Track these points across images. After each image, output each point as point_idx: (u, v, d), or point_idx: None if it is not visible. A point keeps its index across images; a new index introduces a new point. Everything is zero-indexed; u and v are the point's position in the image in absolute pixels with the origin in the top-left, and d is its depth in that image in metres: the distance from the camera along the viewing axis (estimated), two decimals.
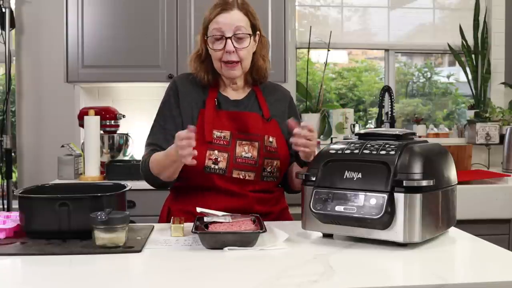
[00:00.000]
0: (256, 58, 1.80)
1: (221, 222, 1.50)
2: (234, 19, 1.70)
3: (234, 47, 1.69)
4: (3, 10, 3.19)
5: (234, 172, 1.72)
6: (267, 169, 1.75)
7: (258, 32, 1.78)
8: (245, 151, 1.73)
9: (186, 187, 1.78)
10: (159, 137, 1.77)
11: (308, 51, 3.59)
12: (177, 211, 1.78)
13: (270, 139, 1.77)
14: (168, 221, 1.78)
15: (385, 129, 1.77)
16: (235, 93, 1.83)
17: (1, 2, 3.18)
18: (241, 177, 1.72)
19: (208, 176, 1.70)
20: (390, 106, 3.16)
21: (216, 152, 1.71)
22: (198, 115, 1.77)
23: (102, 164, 2.95)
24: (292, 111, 1.89)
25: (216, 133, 1.73)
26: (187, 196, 1.78)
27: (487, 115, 3.54)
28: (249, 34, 1.72)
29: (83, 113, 3.01)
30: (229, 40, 1.69)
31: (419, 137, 3.17)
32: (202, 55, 1.79)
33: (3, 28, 3.18)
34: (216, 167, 1.70)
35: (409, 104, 3.97)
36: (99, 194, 1.48)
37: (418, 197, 1.34)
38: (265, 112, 1.81)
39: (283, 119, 1.81)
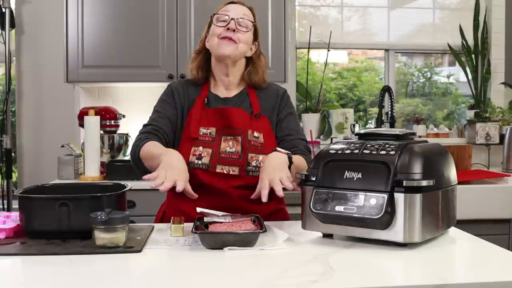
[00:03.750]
0: (257, 67, 1.86)
1: (221, 222, 1.50)
2: (243, 9, 1.83)
3: (237, 28, 1.78)
4: (3, 10, 3.19)
5: (218, 167, 1.73)
6: (252, 163, 1.74)
7: (256, 43, 1.86)
8: (230, 146, 1.75)
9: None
10: (158, 120, 1.81)
11: (308, 51, 3.59)
12: (171, 209, 1.80)
13: (256, 134, 1.78)
14: (162, 222, 1.80)
15: (385, 129, 1.77)
16: (227, 91, 1.86)
17: (1, 2, 3.18)
18: (225, 172, 1.73)
19: (193, 172, 1.71)
20: (390, 106, 3.16)
21: (200, 148, 1.74)
22: (187, 115, 1.81)
23: (102, 164, 2.95)
24: (283, 105, 1.88)
25: (203, 130, 1.76)
26: (179, 194, 1.78)
27: (487, 115, 3.54)
28: (253, 23, 1.82)
29: (83, 113, 3.01)
30: (233, 21, 1.78)
31: (419, 137, 3.18)
32: (199, 49, 1.86)
33: (3, 28, 3.18)
34: (200, 162, 1.73)
35: (409, 104, 3.97)
36: (99, 194, 1.48)
37: (418, 197, 1.34)
38: (254, 109, 1.82)
39: (273, 114, 1.85)
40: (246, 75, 1.85)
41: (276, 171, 1.55)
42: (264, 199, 1.53)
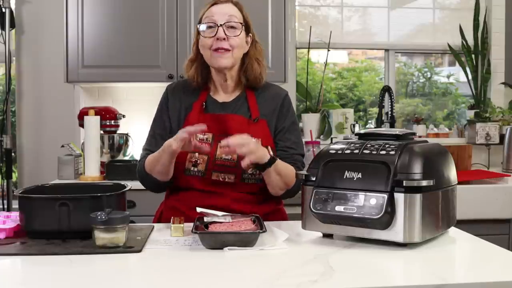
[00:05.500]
0: (251, 61, 1.80)
1: (221, 222, 1.50)
2: (227, 9, 1.74)
3: (226, 35, 1.72)
4: (3, 10, 3.19)
5: (213, 174, 1.71)
6: (248, 170, 1.69)
7: (250, 34, 1.80)
8: (226, 153, 1.72)
9: (175, 187, 1.80)
10: (152, 143, 1.82)
11: (308, 51, 3.59)
12: (168, 209, 1.80)
13: (254, 140, 1.75)
14: (160, 222, 1.80)
15: (385, 129, 1.77)
16: (225, 95, 1.83)
17: (1, 2, 3.18)
18: (221, 179, 1.71)
19: (187, 179, 1.71)
20: (390, 106, 3.16)
21: (196, 154, 1.71)
22: (184, 119, 1.79)
23: (102, 164, 2.95)
24: (284, 110, 1.84)
25: (199, 136, 1.73)
26: (175, 195, 1.79)
27: (487, 115, 3.54)
28: (241, 24, 1.75)
29: (83, 113, 3.01)
30: (220, 28, 1.72)
31: (419, 137, 3.18)
32: (193, 57, 1.82)
33: (3, 28, 3.18)
34: (196, 169, 1.71)
35: (409, 104, 3.97)
36: (99, 194, 1.48)
37: (418, 197, 1.34)
38: (253, 113, 1.79)
39: (273, 118, 1.82)
40: (243, 76, 1.81)
41: (254, 148, 1.56)
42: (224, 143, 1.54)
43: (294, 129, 1.85)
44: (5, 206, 3.18)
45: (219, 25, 1.72)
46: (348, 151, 1.45)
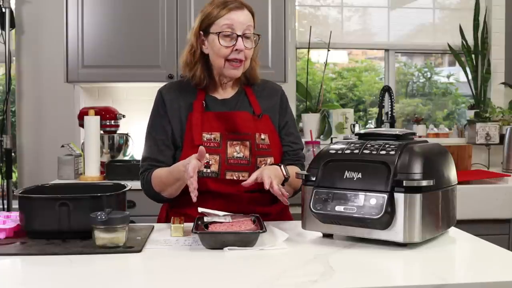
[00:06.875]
0: (250, 61, 1.79)
1: (221, 222, 1.50)
2: (246, 18, 1.71)
3: (245, 46, 1.69)
4: (3, 10, 3.19)
5: (227, 173, 1.70)
6: (261, 167, 1.71)
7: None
8: (237, 151, 1.71)
9: (182, 191, 1.73)
10: (153, 150, 1.78)
11: (308, 51, 3.59)
12: (174, 213, 1.77)
13: (262, 136, 1.75)
14: (167, 222, 1.78)
15: (385, 129, 1.77)
16: (224, 92, 1.81)
17: (1, 2, 3.18)
18: (235, 178, 1.70)
19: (201, 181, 1.65)
20: (390, 106, 3.16)
21: (207, 155, 1.67)
22: (186, 119, 1.76)
23: (102, 164, 2.95)
24: (284, 106, 1.86)
25: (206, 136, 1.72)
26: (183, 199, 1.73)
27: (487, 115, 3.54)
28: (256, 35, 1.74)
29: (83, 113, 3.01)
30: (240, 38, 1.69)
31: (419, 137, 3.18)
32: (197, 53, 1.76)
33: (3, 28, 3.18)
34: (209, 170, 1.69)
35: (409, 104, 3.97)
36: (99, 194, 1.48)
37: (418, 197, 1.34)
38: (256, 109, 1.79)
39: (275, 113, 1.83)
40: (242, 74, 1.78)
41: (272, 174, 1.59)
42: (248, 182, 1.57)
43: (294, 123, 1.89)
44: (5, 206, 3.18)
45: (238, 35, 1.68)
46: (348, 151, 1.45)
